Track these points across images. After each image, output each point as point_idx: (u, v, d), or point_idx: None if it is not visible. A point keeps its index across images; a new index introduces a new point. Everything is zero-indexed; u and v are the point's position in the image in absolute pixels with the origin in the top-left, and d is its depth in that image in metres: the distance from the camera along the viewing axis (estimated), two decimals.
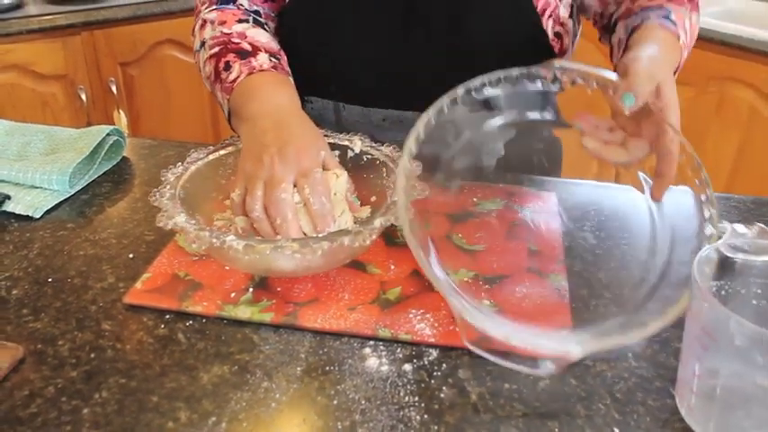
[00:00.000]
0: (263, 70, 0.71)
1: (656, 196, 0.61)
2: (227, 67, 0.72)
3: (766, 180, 1.74)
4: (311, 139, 0.64)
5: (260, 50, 0.73)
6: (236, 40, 0.74)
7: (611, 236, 0.70)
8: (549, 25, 0.78)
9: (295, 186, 0.61)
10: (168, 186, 0.62)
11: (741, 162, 1.79)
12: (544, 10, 0.77)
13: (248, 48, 0.73)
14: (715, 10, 1.97)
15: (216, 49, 0.74)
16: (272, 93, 0.69)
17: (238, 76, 0.71)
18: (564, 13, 0.80)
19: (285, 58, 0.77)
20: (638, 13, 0.75)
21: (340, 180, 0.64)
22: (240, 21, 0.77)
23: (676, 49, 0.69)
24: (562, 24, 0.80)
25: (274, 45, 0.77)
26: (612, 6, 0.81)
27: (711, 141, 1.82)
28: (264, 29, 0.78)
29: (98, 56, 1.91)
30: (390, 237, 0.69)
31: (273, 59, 0.73)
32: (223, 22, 0.76)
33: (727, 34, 1.74)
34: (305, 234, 0.60)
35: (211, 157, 0.69)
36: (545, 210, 0.74)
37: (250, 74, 0.70)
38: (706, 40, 1.79)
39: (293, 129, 0.65)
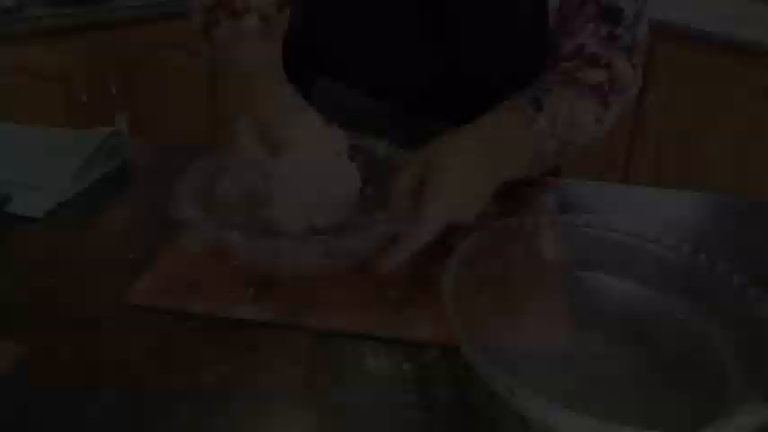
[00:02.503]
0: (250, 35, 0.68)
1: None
2: (216, 22, 0.69)
3: (766, 181, 1.75)
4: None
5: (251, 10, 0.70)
6: None
7: None
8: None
9: None
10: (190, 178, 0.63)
11: (740, 163, 1.79)
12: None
13: (240, 7, 0.69)
14: (715, 11, 1.98)
15: (209, 3, 0.70)
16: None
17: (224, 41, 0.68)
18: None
19: (281, 19, 0.74)
20: (540, 80, 0.72)
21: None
22: None
23: (515, 138, 0.67)
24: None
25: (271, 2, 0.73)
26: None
27: (711, 142, 1.83)
28: None
29: (99, 58, 1.92)
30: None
31: (263, 22, 0.70)
32: None
33: (727, 35, 1.75)
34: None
35: None
36: (544, 210, 0.74)
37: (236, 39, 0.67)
38: (707, 41, 1.79)
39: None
